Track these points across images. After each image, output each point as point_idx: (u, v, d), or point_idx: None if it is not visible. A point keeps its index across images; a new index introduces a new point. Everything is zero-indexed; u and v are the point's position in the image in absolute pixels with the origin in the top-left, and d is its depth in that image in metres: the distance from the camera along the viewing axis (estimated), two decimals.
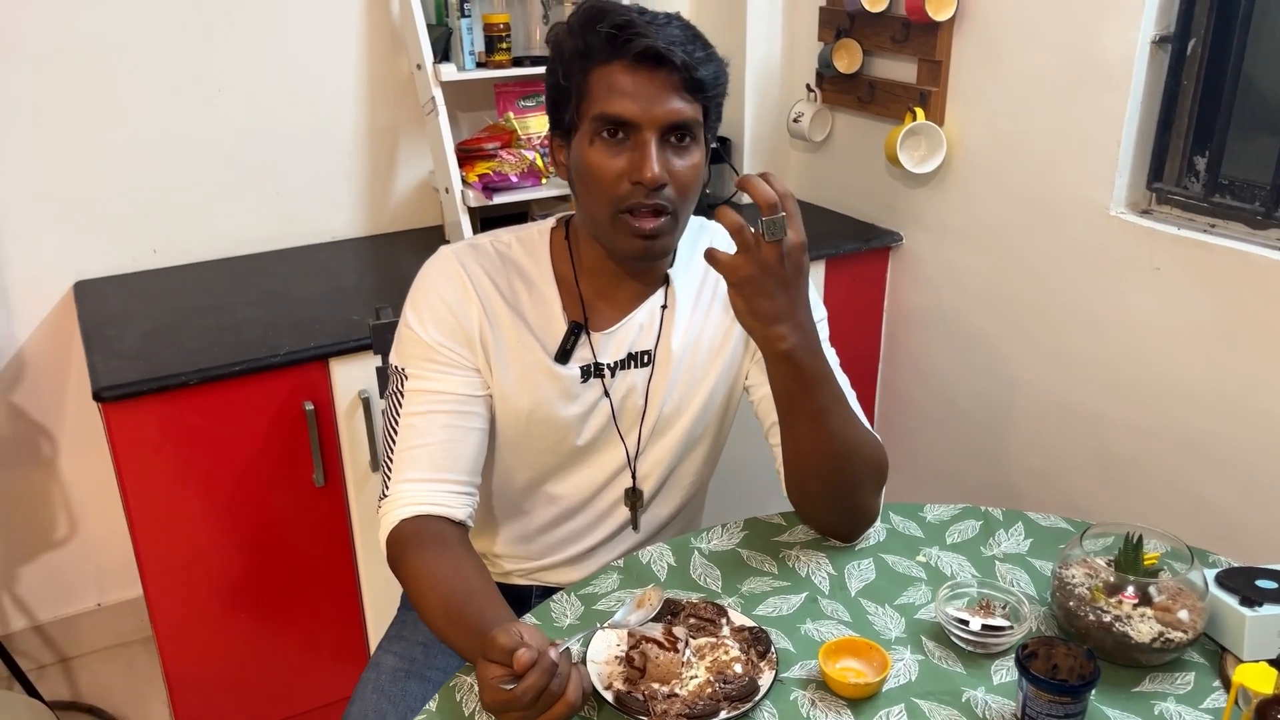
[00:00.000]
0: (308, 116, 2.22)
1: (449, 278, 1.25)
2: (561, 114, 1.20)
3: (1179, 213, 1.87)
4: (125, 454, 1.72)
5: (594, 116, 1.15)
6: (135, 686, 2.25)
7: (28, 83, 1.97)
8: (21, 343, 2.09)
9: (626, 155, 1.15)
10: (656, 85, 1.14)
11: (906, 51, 2.19)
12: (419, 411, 1.21)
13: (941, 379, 2.36)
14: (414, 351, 1.23)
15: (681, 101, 1.15)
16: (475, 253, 1.27)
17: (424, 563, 1.14)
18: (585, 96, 1.16)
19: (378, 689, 1.30)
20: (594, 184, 1.17)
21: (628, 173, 1.15)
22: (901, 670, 1.09)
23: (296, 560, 1.93)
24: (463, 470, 1.22)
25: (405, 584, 1.16)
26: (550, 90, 1.21)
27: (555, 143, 1.25)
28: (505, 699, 0.91)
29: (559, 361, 1.27)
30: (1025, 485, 2.21)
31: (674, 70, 1.13)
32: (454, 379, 1.23)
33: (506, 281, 1.27)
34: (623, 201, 1.16)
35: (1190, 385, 1.84)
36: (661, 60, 1.13)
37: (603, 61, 1.14)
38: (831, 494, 1.22)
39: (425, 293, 1.25)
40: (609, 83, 1.14)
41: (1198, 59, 1.79)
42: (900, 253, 2.38)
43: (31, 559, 2.24)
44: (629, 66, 1.14)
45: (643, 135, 1.14)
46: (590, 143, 1.17)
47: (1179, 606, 1.08)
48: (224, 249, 2.22)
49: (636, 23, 1.13)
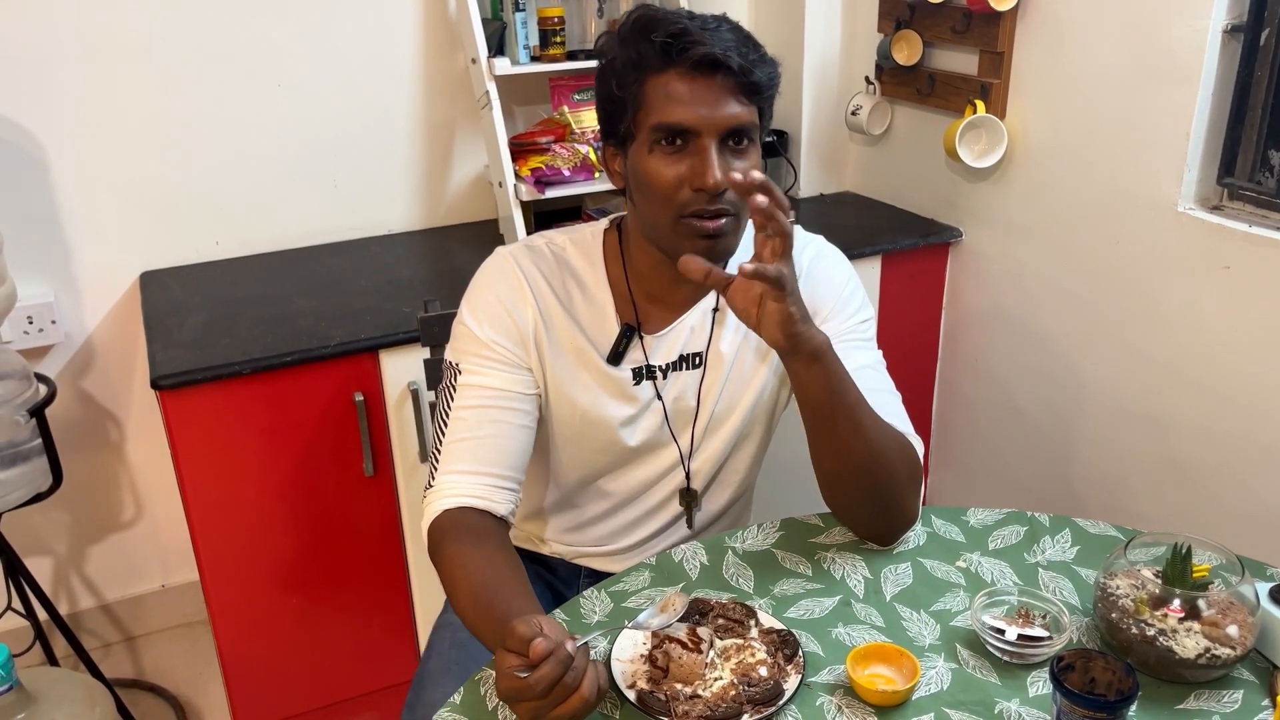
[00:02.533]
0: (365, 111, 2.25)
1: (505, 278, 1.26)
2: (616, 124, 1.19)
3: (1251, 209, 1.79)
4: (181, 441, 1.77)
5: (652, 126, 1.14)
6: (195, 666, 2.31)
7: (97, 79, 2.03)
8: (90, 331, 2.16)
9: (686, 162, 1.15)
10: (714, 91, 1.12)
11: (967, 43, 2.14)
12: (469, 406, 1.22)
13: (1001, 379, 2.30)
14: (468, 348, 1.24)
15: (739, 105, 1.14)
16: (531, 254, 1.28)
17: (460, 551, 1.15)
18: (641, 106, 1.15)
19: (455, 644, 1.33)
20: (655, 192, 1.17)
21: (688, 179, 1.15)
22: (933, 678, 1.06)
23: (347, 548, 1.96)
24: (507, 466, 1.22)
25: (440, 572, 1.17)
26: (603, 100, 1.20)
27: (609, 151, 1.24)
28: (519, 686, 0.91)
29: (611, 363, 1.27)
30: (1084, 490, 2.14)
31: (730, 75, 1.12)
32: (506, 376, 1.24)
33: (561, 283, 1.28)
34: (685, 208, 1.16)
35: (1260, 390, 1.76)
36: (718, 66, 1.11)
37: (658, 70, 1.13)
38: (868, 495, 1.20)
39: (482, 291, 1.26)
40: (666, 91, 1.13)
41: (1271, 49, 1.71)
42: (960, 249, 2.32)
43: (99, 540, 2.32)
44: (685, 74, 1.12)
45: (702, 141, 1.14)
46: (649, 151, 1.16)
47: (1228, 621, 1.03)
48: (283, 241, 2.27)
49: (691, 30, 1.12)
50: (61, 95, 2.01)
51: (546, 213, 2.33)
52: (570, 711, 0.92)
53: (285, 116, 2.19)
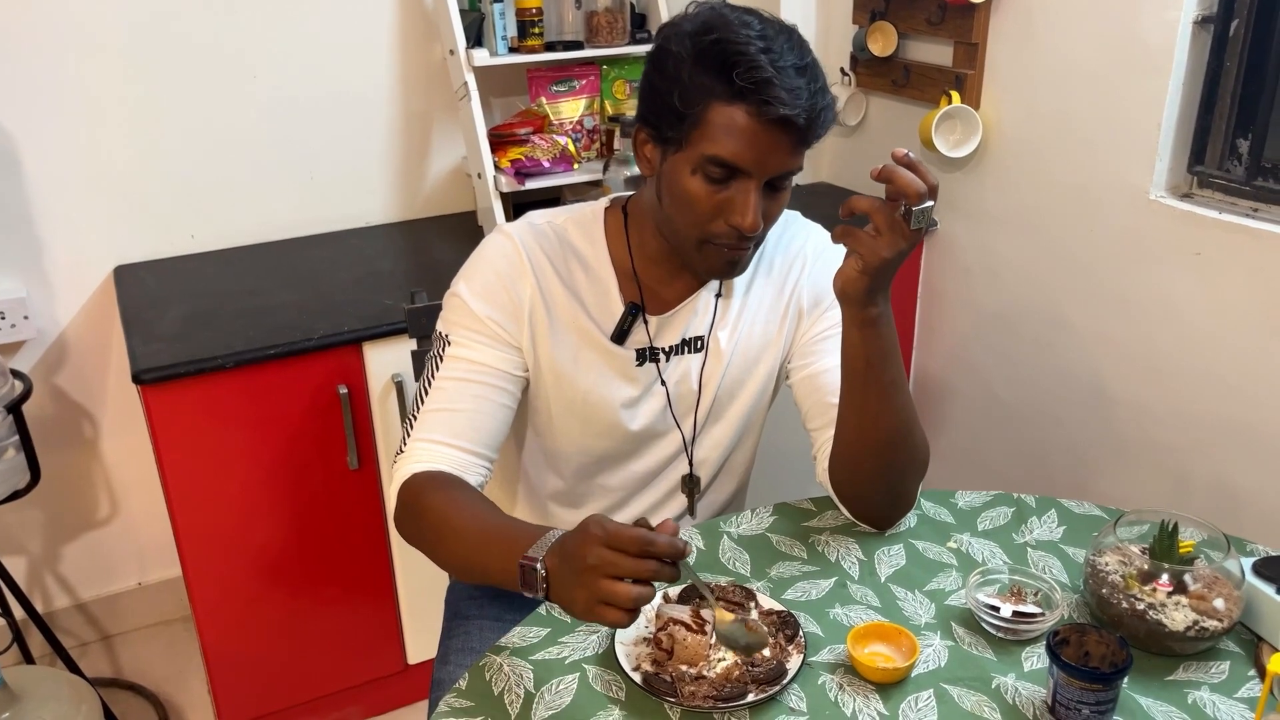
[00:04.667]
0: (342, 103, 2.24)
1: (506, 254, 1.24)
2: (663, 125, 1.14)
3: (1221, 196, 1.83)
4: (164, 435, 1.75)
5: (706, 155, 1.11)
6: (175, 664, 2.29)
7: (68, 71, 2.00)
8: (64, 326, 2.13)
9: (727, 194, 1.14)
10: (776, 141, 1.10)
11: (942, 34, 2.17)
12: (452, 378, 1.21)
13: (977, 366, 2.34)
14: (460, 320, 1.24)
15: (794, 155, 1.13)
16: (533, 231, 1.27)
17: (446, 497, 1.12)
18: (700, 125, 1.11)
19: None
20: (688, 212, 1.16)
21: (725, 213, 1.14)
22: (931, 656, 1.08)
23: (332, 542, 1.95)
24: (481, 443, 1.21)
25: (424, 523, 1.12)
26: (654, 95, 1.15)
27: (644, 137, 1.20)
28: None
29: (616, 342, 1.27)
30: (1062, 474, 2.18)
31: (798, 130, 1.10)
32: (493, 353, 1.23)
33: (564, 262, 1.27)
34: (715, 236, 1.17)
35: (1232, 372, 1.81)
36: (789, 121, 1.09)
37: (726, 101, 1.09)
38: (881, 474, 1.22)
39: (481, 266, 1.25)
40: (728, 124, 1.09)
41: (1240, 39, 1.76)
42: (935, 238, 2.35)
43: (74, 538, 2.29)
44: (753, 115, 1.09)
45: (749, 182, 1.13)
46: (693, 172, 1.14)
47: (1214, 595, 1.07)
48: (260, 234, 2.25)
49: (774, 81, 1.07)
50: (32, 87, 1.98)
51: (526, 204, 2.32)
52: (645, 593, 0.89)
53: (261, 108, 2.17)
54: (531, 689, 1.04)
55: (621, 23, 2.22)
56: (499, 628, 1.31)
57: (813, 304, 1.31)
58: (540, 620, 1.15)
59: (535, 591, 0.94)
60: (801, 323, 1.32)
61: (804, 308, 1.32)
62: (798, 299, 1.32)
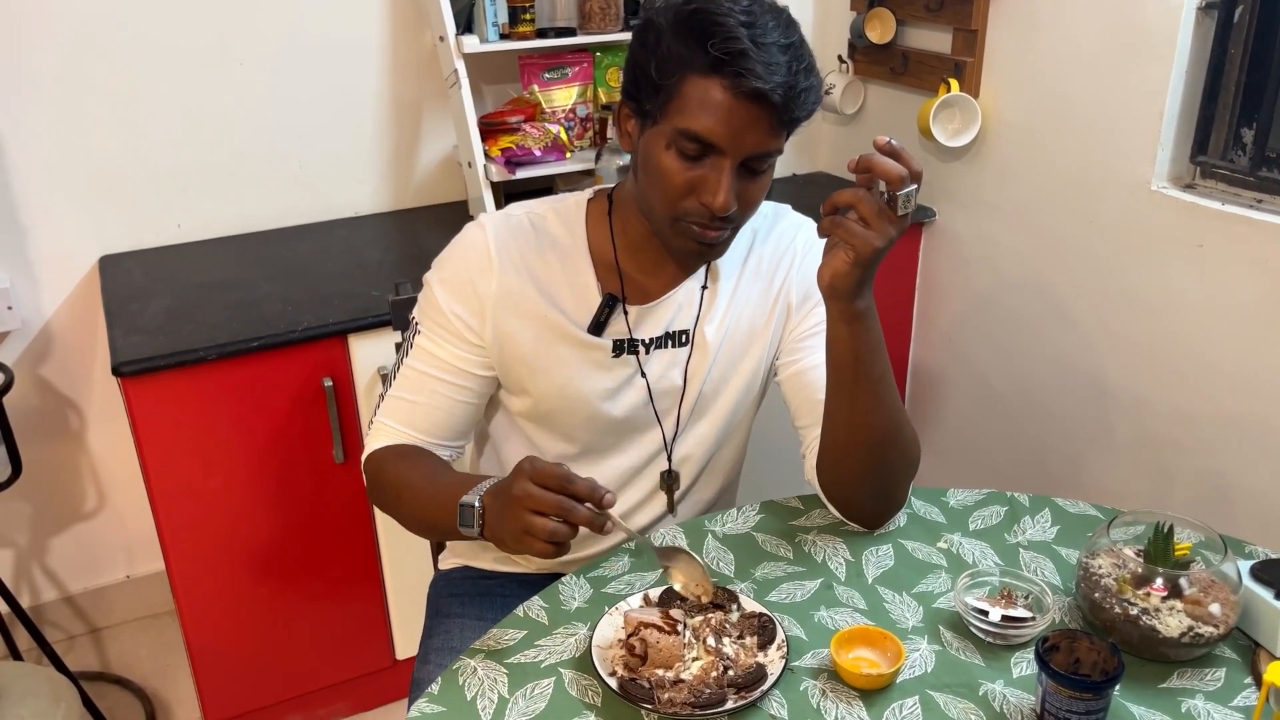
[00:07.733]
0: (330, 91, 2.20)
1: (475, 248, 1.23)
2: (642, 98, 1.12)
3: (1224, 187, 1.79)
4: (145, 428, 1.72)
5: (679, 128, 1.08)
6: (162, 657, 2.27)
7: (53, 59, 1.96)
8: (48, 317, 2.10)
9: (701, 172, 1.11)
10: (751, 117, 1.07)
11: (941, 21, 2.13)
12: (415, 369, 1.25)
13: (975, 358, 2.30)
14: (429, 312, 1.25)
15: (771, 135, 1.10)
16: (508, 223, 1.25)
17: (409, 464, 1.20)
18: (674, 98, 1.08)
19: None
20: (660, 187, 1.13)
21: (697, 190, 1.11)
22: (917, 661, 1.05)
23: (317, 536, 1.93)
24: (436, 434, 1.26)
25: (386, 489, 1.21)
26: (634, 67, 1.13)
27: (626, 111, 1.17)
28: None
29: (593, 333, 1.24)
30: (1059, 469, 2.15)
31: (774, 108, 1.07)
32: (454, 350, 1.23)
33: (538, 253, 1.24)
34: (687, 215, 1.13)
35: (1233, 367, 1.77)
36: (764, 97, 1.06)
37: (702, 73, 1.06)
38: (871, 474, 1.19)
39: (452, 259, 1.25)
40: (703, 98, 1.06)
41: (1245, 26, 1.72)
42: (933, 229, 2.32)
43: (61, 531, 2.26)
44: (728, 89, 1.05)
45: (723, 160, 1.09)
46: (667, 147, 1.11)
47: (1210, 600, 1.03)
48: (247, 224, 2.22)
49: (749, 53, 1.04)
50: (16, 76, 1.95)
51: (517, 194, 2.29)
52: (559, 530, 0.97)
53: (247, 96, 2.13)
54: (505, 694, 1.02)
55: (615, 9, 2.18)
56: (480, 627, 1.29)
57: (802, 299, 1.28)
58: (517, 622, 1.12)
59: (471, 527, 1.03)
60: (790, 318, 1.29)
61: (793, 303, 1.29)
62: (787, 293, 1.29)
